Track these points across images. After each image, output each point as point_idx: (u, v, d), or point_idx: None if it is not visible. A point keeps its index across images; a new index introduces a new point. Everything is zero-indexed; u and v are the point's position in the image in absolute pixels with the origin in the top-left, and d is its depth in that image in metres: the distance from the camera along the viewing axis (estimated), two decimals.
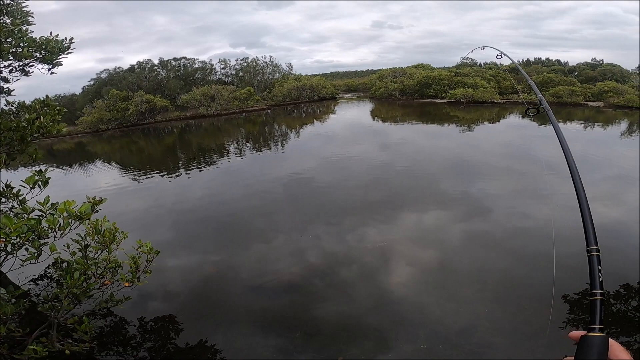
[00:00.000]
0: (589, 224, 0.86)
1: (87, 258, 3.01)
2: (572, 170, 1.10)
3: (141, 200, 8.99)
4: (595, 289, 0.73)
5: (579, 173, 1.05)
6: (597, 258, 0.78)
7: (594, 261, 0.78)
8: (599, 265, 0.76)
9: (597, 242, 0.80)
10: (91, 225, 2.98)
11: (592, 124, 18.22)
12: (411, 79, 31.28)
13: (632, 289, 4.34)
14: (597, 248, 0.79)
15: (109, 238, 3.05)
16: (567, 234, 4.84)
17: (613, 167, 9.87)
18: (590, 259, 0.79)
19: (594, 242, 0.81)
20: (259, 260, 5.60)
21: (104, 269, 3.10)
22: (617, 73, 32.70)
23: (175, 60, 34.96)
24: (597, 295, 0.72)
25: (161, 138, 22.09)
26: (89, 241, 3.01)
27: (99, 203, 3.10)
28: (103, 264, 3.09)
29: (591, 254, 0.80)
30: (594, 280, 0.74)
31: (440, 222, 6.57)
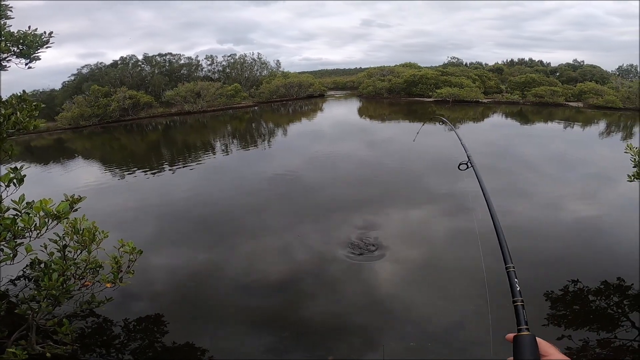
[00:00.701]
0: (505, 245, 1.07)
1: (66, 258, 2.92)
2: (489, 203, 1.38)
3: (123, 199, 8.79)
4: (516, 297, 0.89)
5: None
6: (513, 273, 0.96)
7: (512, 275, 0.96)
8: (515, 278, 0.94)
9: (512, 260, 0.99)
10: (69, 225, 2.89)
11: (572, 124, 18.80)
12: (398, 78, 31.55)
13: (610, 286, 4.51)
14: (512, 265, 0.98)
15: (88, 238, 2.96)
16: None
17: (591, 166, 10.23)
18: (509, 274, 0.97)
19: (509, 260, 1.00)
20: (247, 259, 5.57)
21: (84, 270, 3.01)
22: (597, 74, 33.79)
23: (161, 56, 34.19)
24: (519, 302, 0.88)
25: (144, 135, 21.60)
26: (67, 241, 2.91)
27: (77, 201, 2.99)
28: (83, 264, 3.00)
29: (509, 269, 0.98)
30: (514, 290, 0.91)
31: (427, 219, 6.67)
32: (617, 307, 4.14)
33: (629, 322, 3.85)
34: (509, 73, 36.61)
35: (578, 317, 4.03)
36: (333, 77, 54.89)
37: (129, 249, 3.22)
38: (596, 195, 7.78)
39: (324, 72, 67.22)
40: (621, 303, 4.20)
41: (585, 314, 4.10)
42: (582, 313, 4.10)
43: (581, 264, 5.03)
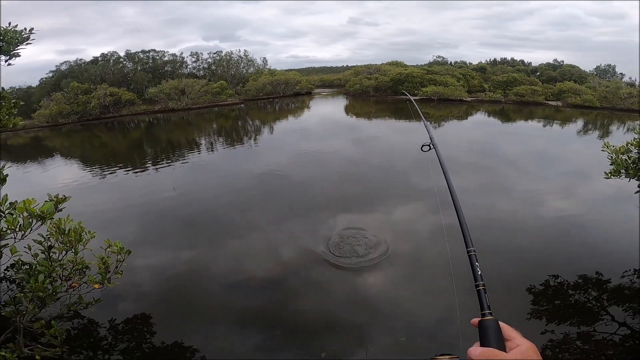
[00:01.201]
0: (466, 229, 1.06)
1: (52, 260, 2.84)
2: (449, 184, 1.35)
3: (105, 198, 8.58)
4: (477, 281, 0.88)
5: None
6: (474, 256, 0.95)
7: (473, 259, 0.95)
8: (477, 262, 0.93)
9: (472, 244, 0.99)
10: (54, 225, 2.81)
11: (551, 123, 19.42)
12: (385, 76, 31.81)
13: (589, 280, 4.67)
14: (473, 249, 0.97)
15: (74, 238, 2.88)
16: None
17: (569, 163, 10.61)
18: (470, 258, 0.96)
19: (470, 244, 0.99)
20: (235, 258, 5.54)
21: (71, 271, 2.94)
22: (576, 74, 34.90)
23: (144, 53, 33.35)
24: (480, 286, 0.86)
25: (126, 132, 21.06)
26: (52, 242, 2.84)
27: (62, 201, 2.90)
28: (69, 265, 2.92)
29: (470, 253, 0.97)
30: (475, 274, 0.90)
31: (411, 214, 6.79)
32: (596, 301, 4.28)
33: (609, 316, 3.97)
34: (492, 72, 37.42)
35: (559, 312, 4.15)
36: (320, 75, 54.79)
37: (117, 249, 3.16)
38: (574, 192, 8.09)
39: (311, 69, 67.01)
40: (600, 297, 4.35)
41: (565, 308, 4.22)
42: (562, 307, 4.23)
43: (560, 259, 5.19)
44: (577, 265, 4.97)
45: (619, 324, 3.83)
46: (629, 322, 3.87)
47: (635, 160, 4.21)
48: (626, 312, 4.05)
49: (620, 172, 4.24)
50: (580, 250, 5.46)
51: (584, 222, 6.51)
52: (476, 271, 0.91)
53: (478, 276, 0.89)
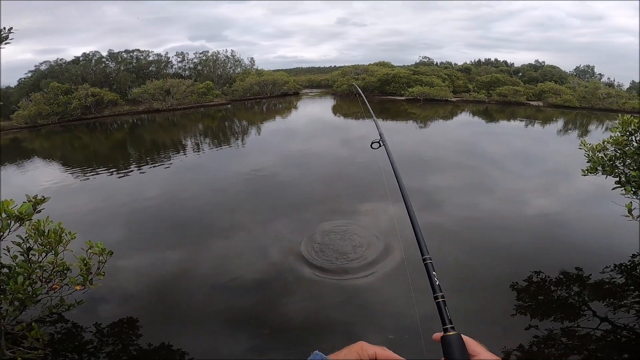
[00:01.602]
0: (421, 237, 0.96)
1: (31, 262, 2.80)
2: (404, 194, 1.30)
3: (87, 200, 8.34)
4: (436, 292, 0.79)
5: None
6: (431, 265, 0.86)
7: (429, 267, 0.86)
8: (433, 271, 0.84)
9: (428, 252, 0.89)
10: (33, 227, 2.79)
11: (533, 122, 19.89)
12: (372, 76, 31.99)
13: (570, 276, 4.78)
14: (429, 257, 0.88)
15: (54, 239, 2.86)
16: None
17: (549, 162, 10.88)
18: (426, 266, 0.87)
19: (426, 252, 0.90)
20: (222, 258, 5.47)
21: (51, 273, 2.92)
22: (556, 74, 35.88)
23: (127, 53, 32.61)
24: (439, 298, 0.79)
25: (109, 133, 20.54)
26: (31, 243, 2.81)
27: (40, 202, 2.88)
28: (49, 267, 2.90)
29: (426, 262, 0.88)
30: (433, 284, 0.81)
31: (396, 214, 6.81)
32: (577, 296, 4.37)
33: (590, 311, 4.06)
34: (476, 73, 38.10)
35: (542, 307, 4.24)
36: (308, 75, 54.75)
37: (99, 250, 3.13)
38: (554, 190, 8.30)
39: (299, 70, 66.90)
40: (581, 293, 4.45)
41: (548, 303, 4.31)
42: (546, 303, 4.32)
43: (542, 255, 5.30)
44: (559, 261, 5.08)
45: (600, 319, 3.92)
46: (610, 317, 3.96)
47: (611, 157, 4.34)
48: (607, 307, 4.15)
49: (596, 169, 4.37)
50: (561, 247, 5.58)
51: (564, 219, 6.68)
52: (433, 282, 0.82)
53: (436, 287, 0.80)
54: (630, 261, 5.11)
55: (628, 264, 5.04)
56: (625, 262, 5.08)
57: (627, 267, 4.98)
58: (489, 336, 3.78)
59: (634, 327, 3.82)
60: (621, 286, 4.58)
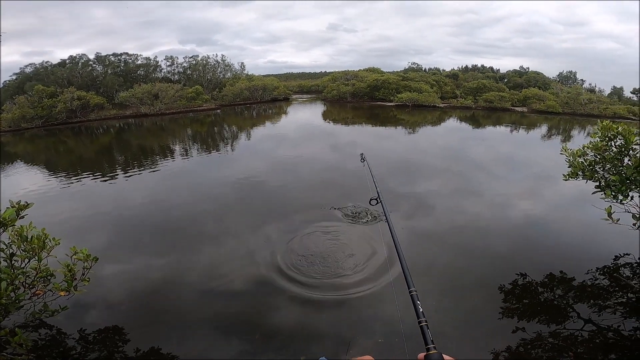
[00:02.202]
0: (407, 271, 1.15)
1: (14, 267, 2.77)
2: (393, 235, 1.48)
3: (71, 205, 8.13)
4: (420, 318, 0.95)
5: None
6: (416, 295, 1.03)
7: (414, 299, 1.03)
8: (418, 301, 1.01)
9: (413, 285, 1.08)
10: (16, 232, 2.77)
11: (518, 128, 20.33)
12: (362, 82, 32.32)
13: (555, 278, 4.85)
14: (414, 289, 1.06)
15: (38, 245, 2.87)
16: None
17: (533, 167, 11.12)
18: (412, 297, 1.04)
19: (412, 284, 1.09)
20: (210, 264, 5.38)
21: (34, 278, 2.91)
22: (540, 80, 36.82)
23: (115, 56, 32.24)
24: (423, 322, 0.94)
25: (95, 138, 20.15)
26: (14, 249, 2.79)
27: (24, 208, 2.88)
28: (33, 273, 2.89)
29: (412, 293, 1.05)
30: (417, 312, 0.97)
31: (383, 222, 6.84)
32: (562, 298, 4.44)
33: (575, 313, 4.12)
34: (463, 79, 38.84)
35: (529, 309, 4.27)
36: (298, 80, 55.01)
37: (84, 256, 3.12)
38: (538, 194, 8.46)
39: (290, 75, 67.19)
40: (566, 295, 4.51)
41: (534, 305, 4.35)
42: (532, 305, 4.36)
43: (528, 258, 5.37)
44: (543, 264, 5.16)
45: (584, 321, 3.98)
46: (595, 318, 4.02)
47: (591, 162, 4.46)
48: (591, 308, 4.21)
49: (577, 174, 4.48)
50: (545, 250, 5.67)
51: (548, 222, 6.79)
52: (418, 309, 0.98)
53: (420, 314, 0.97)
54: (612, 263, 5.21)
55: (611, 266, 5.14)
56: (608, 264, 5.18)
57: (609, 269, 5.07)
58: (477, 338, 3.82)
59: (618, 327, 3.89)
60: (605, 288, 4.66)
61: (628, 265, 5.18)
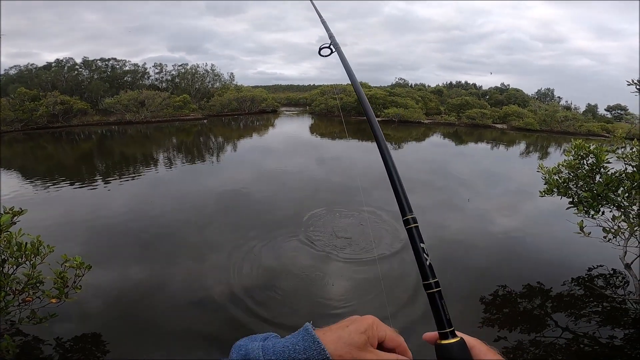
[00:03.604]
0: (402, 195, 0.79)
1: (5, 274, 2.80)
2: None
3: (47, 213, 7.83)
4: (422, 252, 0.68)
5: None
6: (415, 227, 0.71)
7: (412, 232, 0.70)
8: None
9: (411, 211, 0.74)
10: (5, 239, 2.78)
11: (498, 145, 21.03)
12: (350, 97, 32.79)
13: (533, 289, 5.02)
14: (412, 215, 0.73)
15: (31, 252, 2.89)
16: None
17: (513, 182, 11.49)
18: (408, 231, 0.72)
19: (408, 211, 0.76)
20: (195, 275, 5.26)
21: (25, 285, 2.91)
22: (520, 97, 38.30)
23: (102, 61, 31.74)
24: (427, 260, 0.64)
25: (76, 144, 19.65)
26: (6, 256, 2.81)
27: (19, 214, 2.95)
28: (24, 279, 2.90)
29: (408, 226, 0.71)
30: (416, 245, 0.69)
31: (369, 231, 6.87)
32: (540, 308, 4.60)
33: (553, 322, 4.28)
34: (447, 95, 40.05)
35: (509, 319, 4.40)
36: (287, 92, 55.43)
37: (76, 264, 3.13)
38: (517, 209, 8.74)
39: (278, 87, 67.65)
40: (543, 305, 4.68)
41: (515, 315, 4.49)
42: (512, 315, 4.49)
43: (507, 270, 5.55)
44: (522, 275, 5.33)
45: (562, 329, 4.13)
46: (571, 327, 4.19)
47: (565, 180, 4.67)
48: (568, 317, 4.38)
49: (552, 190, 4.67)
50: (523, 262, 5.87)
51: (525, 236, 7.03)
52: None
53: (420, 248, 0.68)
54: (587, 274, 5.46)
55: (585, 277, 5.38)
56: (583, 275, 5.43)
57: (584, 279, 5.32)
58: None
59: (594, 334, 4.05)
60: (580, 298, 4.87)
61: (601, 276, 5.44)
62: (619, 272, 5.43)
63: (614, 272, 5.48)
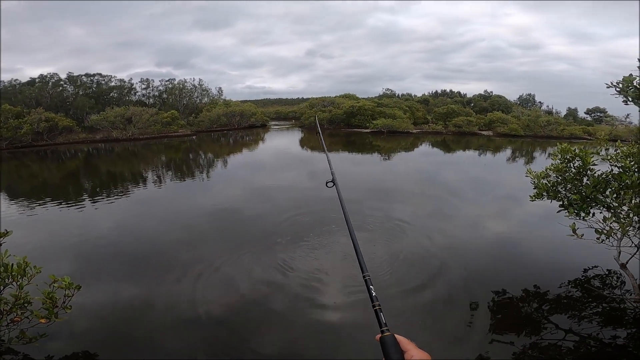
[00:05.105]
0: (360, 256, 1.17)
1: None
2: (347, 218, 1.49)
3: (32, 234, 7.56)
4: (374, 302, 0.98)
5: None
6: (369, 280, 1.06)
7: (368, 283, 1.06)
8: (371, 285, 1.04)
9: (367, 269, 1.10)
10: None
11: (485, 151, 21.45)
12: (339, 109, 33.16)
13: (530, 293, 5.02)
14: (368, 274, 1.08)
15: (18, 273, 2.93)
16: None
17: (502, 188, 11.67)
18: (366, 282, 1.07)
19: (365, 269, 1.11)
20: (186, 293, 5.09)
21: (13, 305, 2.96)
22: (503, 104, 39.29)
23: (88, 76, 31.42)
24: (377, 306, 0.97)
25: (61, 162, 19.23)
26: None
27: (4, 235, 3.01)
28: (12, 300, 2.95)
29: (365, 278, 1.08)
30: (371, 296, 1.01)
31: (366, 243, 6.83)
32: (537, 312, 4.60)
33: (552, 325, 4.27)
34: (434, 104, 40.86)
35: (513, 324, 4.38)
36: (276, 106, 55.81)
37: (65, 284, 3.13)
38: (509, 214, 8.84)
39: (267, 101, 68.11)
40: (541, 308, 4.68)
41: (515, 319, 4.48)
42: (513, 319, 4.48)
43: (503, 275, 5.57)
44: (519, 280, 5.33)
45: (565, 332, 4.11)
46: (575, 329, 4.17)
47: (553, 183, 4.74)
48: (570, 319, 4.38)
49: (542, 194, 4.73)
50: (519, 267, 5.88)
51: (519, 240, 7.08)
52: (371, 293, 1.01)
53: (373, 297, 1.00)
54: (583, 275, 5.49)
55: (582, 278, 5.41)
56: (579, 276, 5.46)
57: (581, 281, 5.34)
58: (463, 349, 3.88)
59: (597, 335, 4.04)
60: (579, 299, 4.88)
61: (598, 277, 5.47)
62: (614, 272, 5.46)
63: (609, 273, 5.51)
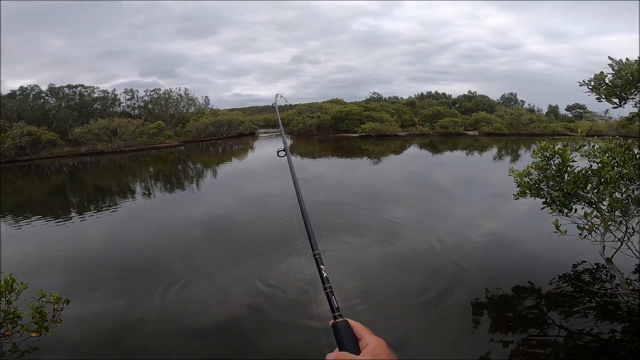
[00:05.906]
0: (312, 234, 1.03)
1: None
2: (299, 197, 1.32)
3: (19, 250, 7.37)
4: (324, 284, 0.87)
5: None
6: (320, 259, 0.94)
7: (318, 262, 0.94)
8: (322, 265, 0.92)
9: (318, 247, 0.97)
10: None
11: (472, 151, 21.83)
12: (326, 114, 33.31)
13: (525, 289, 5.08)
14: (318, 252, 0.95)
15: (5, 289, 3.00)
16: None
17: (490, 187, 11.89)
18: (316, 261, 0.94)
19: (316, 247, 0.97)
20: (181, 304, 5.06)
21: (3, 320, 3.02)
22: (487, 104, 40.05)
23: (70, 88, 30.80)
24: (328, 289, 0.86)
25: (46, 177, 18.80)
26: None
27: None
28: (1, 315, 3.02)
29: (315, 256, 0.95)
30: (322, 277, 0.89)
31: (357, 249, 6.86)
32: (533, 308, 4.66)
33: (550, 320, 4.33)
34: (420, 106, 41.36)
35: (508, 320, 4.44)
36: (264, 114, 55.57)
37: (54, 299, 3.16)
38: (496, 212, 9.01)
39: (255, 108, 67.90)
40: (537, 304, 4.74)
41: (511, 315, 4.54)
42: (510, 315, 4.55)
43: (497, 272, 5.64)
44: (512, 276, 5.41)
45: (558, 327, 4.18)
46: (570, 324, 4.25)
47: (535, 181, 4.85)
48: (565, 315, 4.44)
49: (525, 192, 4.82)
50: (510, 264, 5.96)
51: (508, 238, 7.21)
52: (322, 274, 0.90)
53: (324, 279, 0.88)
54: (572, 271, 5.58)
55: (571, 274, 5.50)
56: (568, 272, 5.55)
57: (570, 276, 5.42)
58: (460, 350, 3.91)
59: (591, 330, 4.09)
60: (571, 294, 4.94)
61: (587, 272, 5.57)
62: (602, 267, 5.55)
63: (597, 267, 5.61)
